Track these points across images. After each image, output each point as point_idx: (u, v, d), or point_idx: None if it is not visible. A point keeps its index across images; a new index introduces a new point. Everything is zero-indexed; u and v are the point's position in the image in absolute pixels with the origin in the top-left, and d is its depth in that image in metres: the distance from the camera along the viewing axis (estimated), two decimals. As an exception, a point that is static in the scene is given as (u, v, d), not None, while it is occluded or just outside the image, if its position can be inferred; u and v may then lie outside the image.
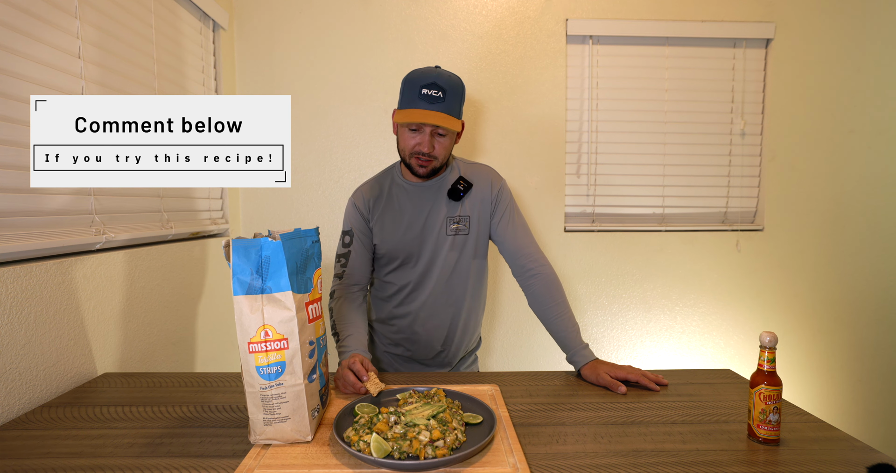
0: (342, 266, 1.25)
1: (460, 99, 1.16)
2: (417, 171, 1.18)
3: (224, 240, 0.74)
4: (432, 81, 1.11)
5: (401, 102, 1.16)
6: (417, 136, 1.14)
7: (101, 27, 1.20)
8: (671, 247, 2.12)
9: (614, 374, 1.04)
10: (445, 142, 1.16)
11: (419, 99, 1.11)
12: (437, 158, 1.17)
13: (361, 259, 1.26)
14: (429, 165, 1.17)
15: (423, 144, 1.14)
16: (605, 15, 2.03)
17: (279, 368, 0.74)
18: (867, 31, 2.09)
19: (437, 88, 1.11)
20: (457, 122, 1.14)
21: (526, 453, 0.74)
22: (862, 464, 0.71)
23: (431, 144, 1.14)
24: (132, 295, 1.27)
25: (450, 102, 1.12)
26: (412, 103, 1.12)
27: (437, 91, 1.11)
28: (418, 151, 1.15)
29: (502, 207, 1.26)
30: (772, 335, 0.77)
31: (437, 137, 1.15)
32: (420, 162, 1.16)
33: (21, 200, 0.97)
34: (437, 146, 1.15)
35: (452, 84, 1.13)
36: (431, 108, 1.10)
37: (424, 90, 1.11)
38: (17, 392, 0.91)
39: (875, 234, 2.16)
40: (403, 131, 1.17)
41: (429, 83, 1.11)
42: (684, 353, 2.15)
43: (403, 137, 1.17)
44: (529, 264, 1.22)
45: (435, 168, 1.19)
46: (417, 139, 1.14)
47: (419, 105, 1.11)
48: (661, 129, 2.10)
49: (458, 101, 1.15)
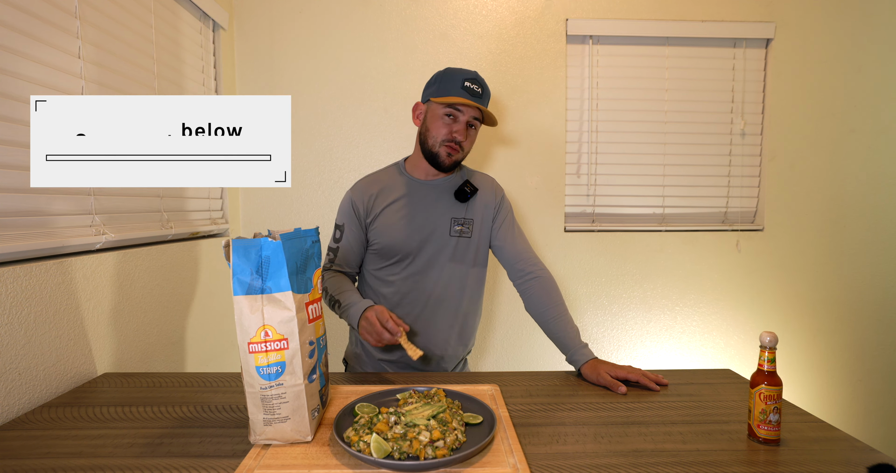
0: (330, 261, 1.27)
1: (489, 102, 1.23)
2: (444, 161, 1.20)
3: (224, 240, 0.74)
4: (474, 76, 1.18)
5: (437, 91, 1.18)
6: (453, 124, 1.18)
7: (101, 27, 1.20)
8: (671, 247, 2.12)
9: (614, 374, 1.04)
10: (473, 136, 1.22)
11: (462, 89, 1.15)
12: (464, 151, 1.21)
13: (351, 256, 1.27)
14: (455, 154, 1.20)
15: (460, 131, 1.18)
16: (606, 15, 2.03)
17: (279, 368, 0.74)
18: (867, 31, 2.09)
19: (479, 83, 1.18)
20: (492, 118, 1.20)
21: (526, 453, 0.74)
22: (862, 464, 0.71)
23: (465, 133, 1.18)
24: (132, 295, 1.27)
25: (485, 99, 1.20)
26: (454, 92, 1.15)
27: (478, 87, 1.17)
28: (451, 139, 1.18)
29: (503, 214, 1.29)
30: (772, 335, 0.77)
31: (469, 129, 1.20)
32: (449, 150, 1.19)
33: (21, 200, 0.97)
34: (468, 139, 1.21)
35: (487, 86, 1.21)
36: (473, 99, 1.15)
37: (467, 83, 1.16)
38: (17, 392, 0.91)
39: (875, 234, 2.16)
40: (437, 120, 1.19)
41: (471, 78, 1.17)
42: (684, 353, 2.15)
43: (436, 125, 1.19)
44: (528, 268, 1.23)
45: (457, 161, 1.22)
46: (454, 127, 1.18)
47: (462, 95, 1.15)
48: (661, 129, 2.10)
49: (489, 102, 1.23)
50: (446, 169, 1.22)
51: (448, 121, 1.18)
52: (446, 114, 1.17)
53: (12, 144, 0.95)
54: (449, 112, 1.17)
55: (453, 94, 1.15)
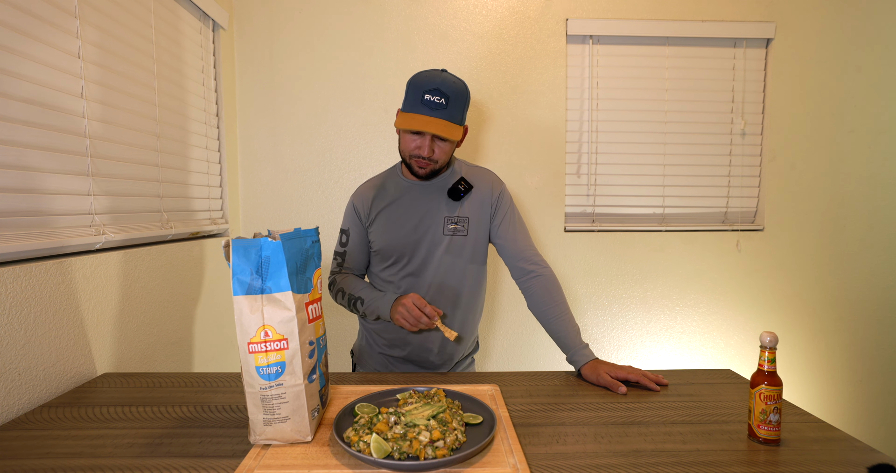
0: (338, 265, 1.30)
1: (463, 105, 1.15)
2: (417, 172, 1.20)
3: (224, 240, 0.74)
4: (436, 86, 1.10)
5: (404, 104, 1.16)
6: (418, 139, 1.15)
7: (101, 27, 1.20)
8: (671, 247, 2.12)
9: (614, 374, 1.04)
10: (445, 147, 1.17)
11: (421, 104, 1.10)
12: (437, 162, 1.18)
13: (357, 259, 1.31)
14: (428, 167, 1.19)
15: (423, 148, 1.15)
16: (606, 15, 2.03)
17: (279, 368, 0.74)
18: (867, 31, 2.09)
19: (441, 94, 1.10)
20: (457, 130, 1.13)
21: (526, 453, 0.74)
22: (862, 464, 0.71)
23: (431, 148, 1.15)
24: (132, 295, 1.27)
25: (452, 109, 1.11)
26: (414, 108, 1.12)
27: (440, 98, 1.10)
28: (418, 155, 1.16)
29: (503, 210, 1.27)
30: (772, 335, 0.77)
31: (438, 142, 1.16)
32: (420, 164, 1.18)
33: (21, 200, 0.97)
34: (437, 150, 1.16)
35: (456, 90, 1.12)
36: (433, 114, 1.10)
37: (427, 96, 1.10)
38: (17, 392, 0.91)
39: (875, 234, 2.16)
40: (405, 134, 1.17)
41: (432, 89, 1.10)
42: (684, 353, 2.15)
43: (404, 140, 1.18)
44: (529, 267, 1.23)
45: (434, 170, 1.21)
46: (417, 143, 1.15)
47: (421, 111, 1.11)
48: (661, 129, 2.10)
49: (460, 108, 1.14)
50: (424, 179, 1.22)
51: (413, 137, 1.15)
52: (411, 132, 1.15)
53: (12, 144, 0.95)
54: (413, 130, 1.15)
55: (413, 110, 1.12)
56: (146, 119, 1.40)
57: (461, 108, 1.14)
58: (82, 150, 1.13)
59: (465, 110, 1.17)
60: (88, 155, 1.15)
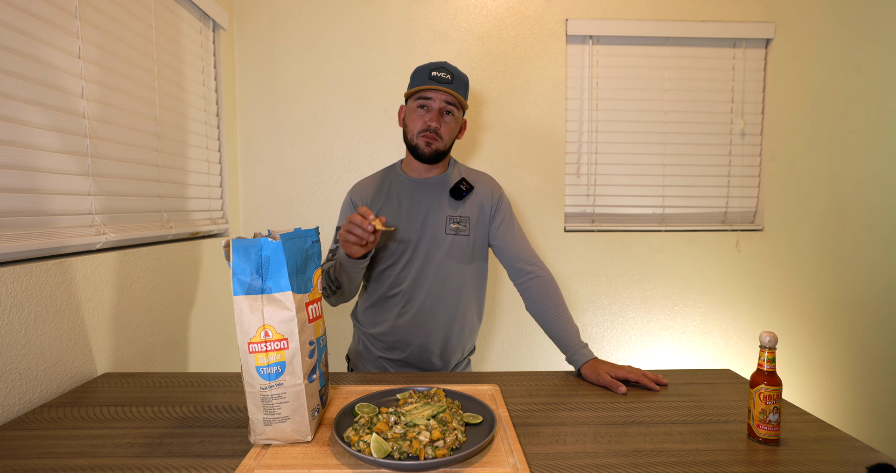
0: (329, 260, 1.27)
1: (465, 88, 1.24)
2: (423, 150, 1.21)
3: (224, 240, 0.74)
4: (442, 65, 1.21)
5: (410, 85, 1.23)
6: (426, 114, 1.20)
7: (101, 27, 1.20)
8: (671, 247, 2.12)
9: (614, 374, 1.04)
10: (451, 124, 1.22)
11: (429, 79, 1.18)
12: (443, 139, 1.21)
13: None
14: (434, 144, 1.21)
15: (433, 118, 1.19)
16: (605, 15, 2.03)
17: (279, 368, 0.74)
18: (867, 31, 2.09)
19: (447, 71, 1.19)
20: (463, 103, 1.22)
21: (526, 453, 0.74)
22: (862, 464, 0.71)
23: (439, 120, 1.20)
24: (132, 295, 1.27)
25: (457, 85, 1.20)
26: (422, 83, 1.19)
27: (446, 74, 1.19)
28: (426, 128, 1.19)
29: (502, 213, 1.29)
30: (772, 335, 0.77)
31: (445, 116, 1.21)
32: (427, 139, 1.20)
33: (21, 200, 0.97)
34: (444, 126, 1.21)
35: (460, 73, 1.22)
36: (441, 85, 1.18)
37: (434, 72, 1.19)
38: (17, 392, 0.91)
39: (875, 234, 2.16)
40: (412, 113, 1.22)
41: (438, 67, 1.20)
42: (684, 353, 2.15)
43: (412, 119, 1.22)
44: (527, 268, 1.23)
45: (439, 150, 1.22)
46: (427, 116, 1.20)
47: (429, 83, 1.18)
48: (661, 129, 2.10)
49: (464, 88, 1.23)
50: (428, 160, 1.23)
51: (422, 112, 1.21)
52: (419, 105, 1.21)
53: (12, 144, 0.95)
54: (421, 104, 1.20)
55: (422, 84, 1.19)
56: (146, 119, 1.40)
57: (464, 88, 1.24)
58: (82, 150, 1.14)
59: (466, 93, 1.26)
60: (89, 155, 1.15)
